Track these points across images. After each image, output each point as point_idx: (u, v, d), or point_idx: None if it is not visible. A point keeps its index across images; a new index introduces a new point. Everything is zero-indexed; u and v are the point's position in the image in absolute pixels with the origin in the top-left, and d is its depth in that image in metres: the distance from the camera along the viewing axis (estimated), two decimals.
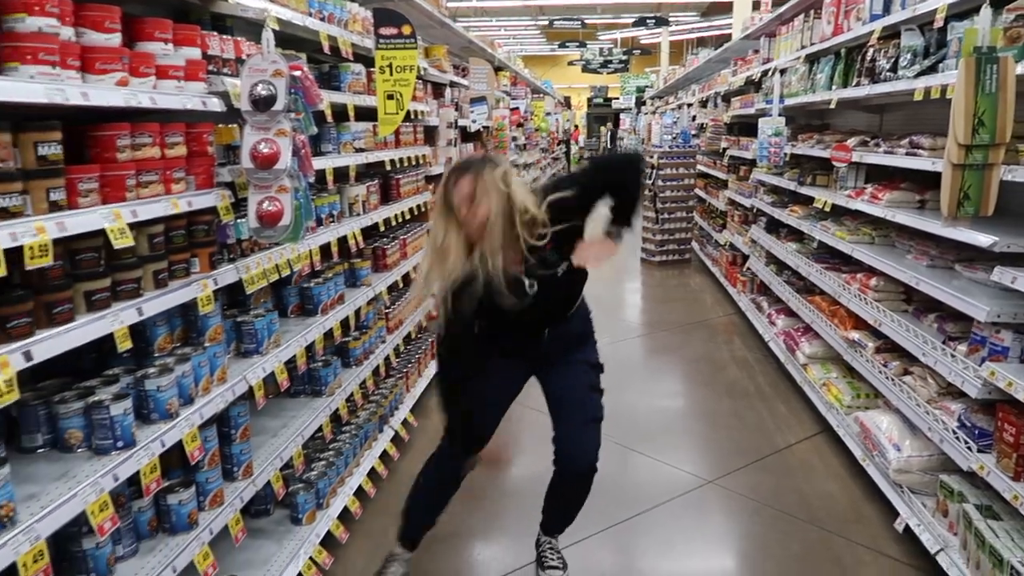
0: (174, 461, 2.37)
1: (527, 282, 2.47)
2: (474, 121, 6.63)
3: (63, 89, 1.64)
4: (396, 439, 4.09)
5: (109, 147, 1.90)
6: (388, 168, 4.32)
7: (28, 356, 1.59)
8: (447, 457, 2.84)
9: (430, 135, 5.41)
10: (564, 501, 2.94)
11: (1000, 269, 2.65)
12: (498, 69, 8.73)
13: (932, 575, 2.95)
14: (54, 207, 1.68)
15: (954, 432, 2.91)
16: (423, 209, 5.13)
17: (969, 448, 2.79)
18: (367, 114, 3.88)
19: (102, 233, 1.83)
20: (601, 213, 2.48)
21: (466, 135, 6.80)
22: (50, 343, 1.67)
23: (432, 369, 5.10)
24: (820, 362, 4.74)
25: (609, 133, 26.45)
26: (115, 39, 1.88)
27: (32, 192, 1.63)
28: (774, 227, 6.18)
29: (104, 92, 1.79)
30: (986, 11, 2.57)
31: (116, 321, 1.87)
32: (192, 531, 2.29)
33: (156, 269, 2.10)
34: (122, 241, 1.82)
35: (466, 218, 2.36)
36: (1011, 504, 2.54)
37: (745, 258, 7.17)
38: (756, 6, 10.65)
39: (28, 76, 1.60)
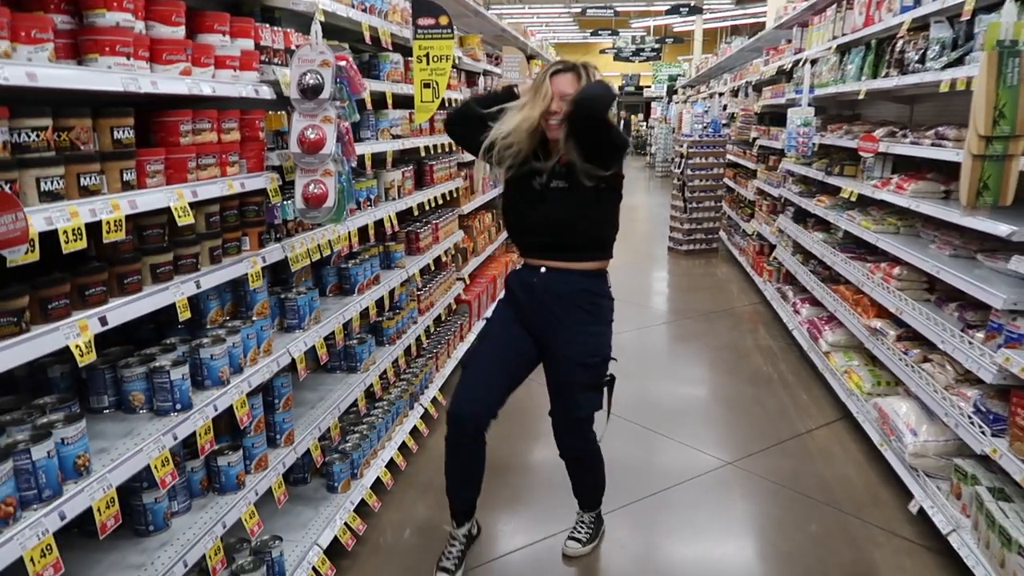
0: (223, 427, 2.55)
1: (539, 179, 2.68)
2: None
3: (136, 79, 1.80)
4: (426, 416, 4.25)
5: (173, 132, 2.06)
6: (422, 154, 4.47)
7: (104, 321, 1.75)
8: (448, 424, 2.84)
9: None
10: (575, 481, 3.13)
11: (1018, 258, 2.72)
12: (530, 57, 8.82)
13: (944, 555, 3.05)
14: (126, 186, 1.84)
15: (969, 417, 2.99)
16: (455, 195, 5.27)
17: (983, 432, 2.87)
18: (404, 102, 4.02)
19: (166, 211, 1.99)
20: None
21: None
22: (122, 310, 1.84)
23: (461, 351, 5.26)
24: (842, 350, 4.81)
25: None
26: (180, 32, 2.04)
27: (108, 172, 1.79)
28: (801, 217, 6.22)
29: (171, 81, 1.95)
30: (1010, 5, 2.63)
31: (178, 292, 2.04)
32: (240, 491, 2.46)
33: (212, 246, 2.26)
34: (185, 219, 1.98)
35: (553, 107, 2.55)
36: (1022, 486, 2.62)
37: (772, 248, 7.22)
38: None
39: (106, 67, 1.76)
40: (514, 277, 2.89)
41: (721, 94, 12.25)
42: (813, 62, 5.81)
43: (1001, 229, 2.84)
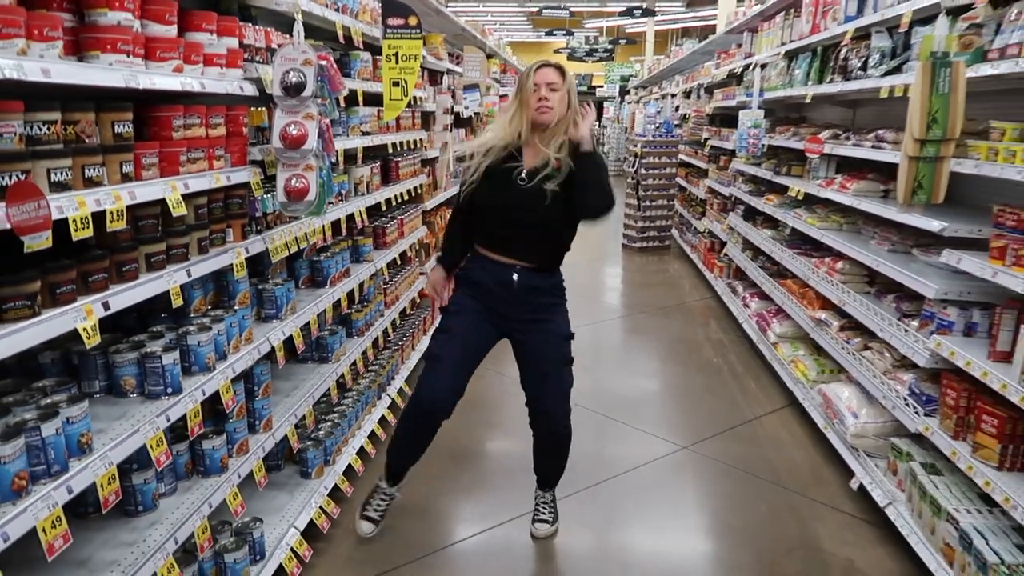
0: (205, 414, 2.63)
1: (522, 174, 2.86)
2: (467, 107, 6.87)
3: (135, 75, 1.88)
4: (393, 406, 4.37)
5: (166, 126, 2.15)
6: (389, 151, 4.57)
7: (106, 306, 1.84)
8: (415, 408, 3.02)
9: (426, 120, 5.65)
10: (546, 460, 3.26)
11: (948, 252, 2.97)
12: (489, 56, 8.96)
13: (881, 527, 3.30)
14: (125, 178, 1.93)
15: (905, 399, 3.24)
16: (419, 191, 5.38)
17: (917, 413, 3.12)
18: (372, 99, 4.12)
19: (160, 202, 2.08)
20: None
21: (458, 120, 7.04)
22: (122, 296, 1.93)
23: (424, 343, 5.37)
24: (789, 341, 5.08)
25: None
26: (173, 30, 2.13)
27: (108, 165, 1.88)
28: (751, 215, 6.50)
29: (166, 78, 2.03)
30: (943, 19, 2.87)
31: (171, 280, 2.13)
32: (224, 474, 2.55)
33: (200, 237, 2.35)
34: (178, 210, 2.07)
35: (541, 98, 2.80)
36: (950, 460, 2.87)
37: (723, 244, 7.49)
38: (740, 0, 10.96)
39: (107, 64, 1.84)
40: (482, 273, 2.97)
41: (673, 95, 12.57)
42: (762, 66, 6.08)
43: (934, 225, 3.09)
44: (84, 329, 1.72)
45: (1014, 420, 2.59)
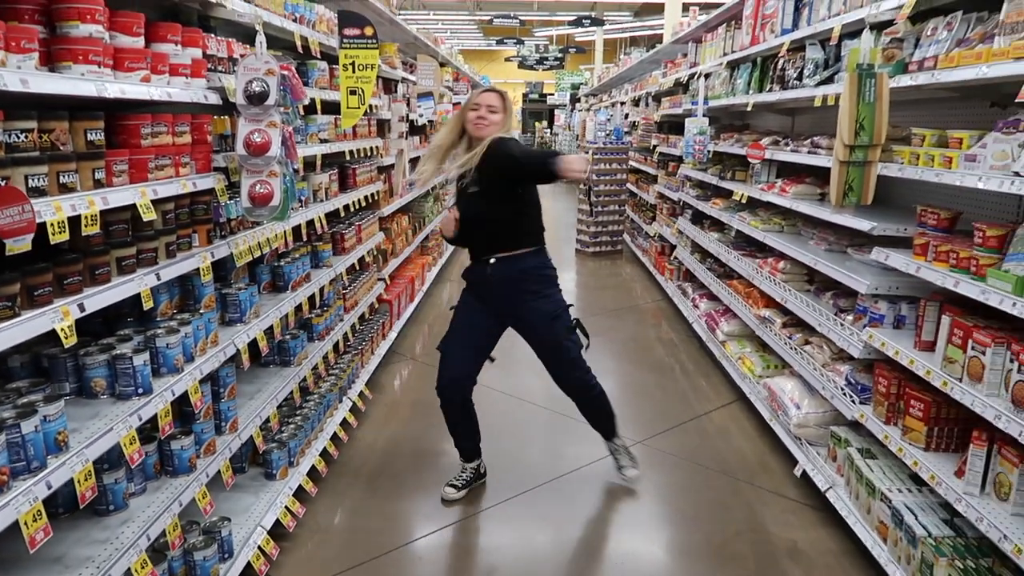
0: (172, 416, 2.68)
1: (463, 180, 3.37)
2: (421, 115, 6.97)
3: (106, 86, 1.96)
4: (354, 409, 4.44)
5: (135, 134, 2.22)
6: (347, 158, 4.65)
7: (82, 308, 1.90)
8: (438, 396, 3.57)
9: (381, 128, 5.74)
10: (589, 415, 3.79)
11: (877, 249, 3.18)
12: (442, 65, 9.07)
13: (823, 511, 3.50)
14: (97, 184, 1.99)
15: (842, 389, 3.45)
16: (376, 198, 5.46)
17: (853, 401, 3.33)
18: (329, 107, 4.20)
19: (130, 208, 2.15)
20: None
21: (413, 128, 7.14)
22: (96, 298, 1.99)
23: (383, 348, 5.45)
24: (736, 339, 5.29)
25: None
26: (140, 42, 2.20)
27: (81, 171, 1.94)
28: (699, 219, 6.73)
29: (135, 87, 2.11)
30: (867, 34, 3.09)
31: (141, 283, 2.19)
32: (192, 473, 2.61)
33: (168, 241, 2.42)
34: (148, 215, 2.14)
35: (479, 116, 3.29)
36: (883, 444, 3.08)
37: (673, 248, 7.72)
38: (686, 8, 11.29)
39: (79, 74, 1.91)
40: (470, 273, 3.53)
41: (623, 103, 12.84)
42: (707, 76, 6.32)
43: (864, 225, 3.30)
44: (62, 329, 1.79)
45: (938, 404, 2.80)
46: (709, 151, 6.15)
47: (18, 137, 1.72)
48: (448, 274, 9.05)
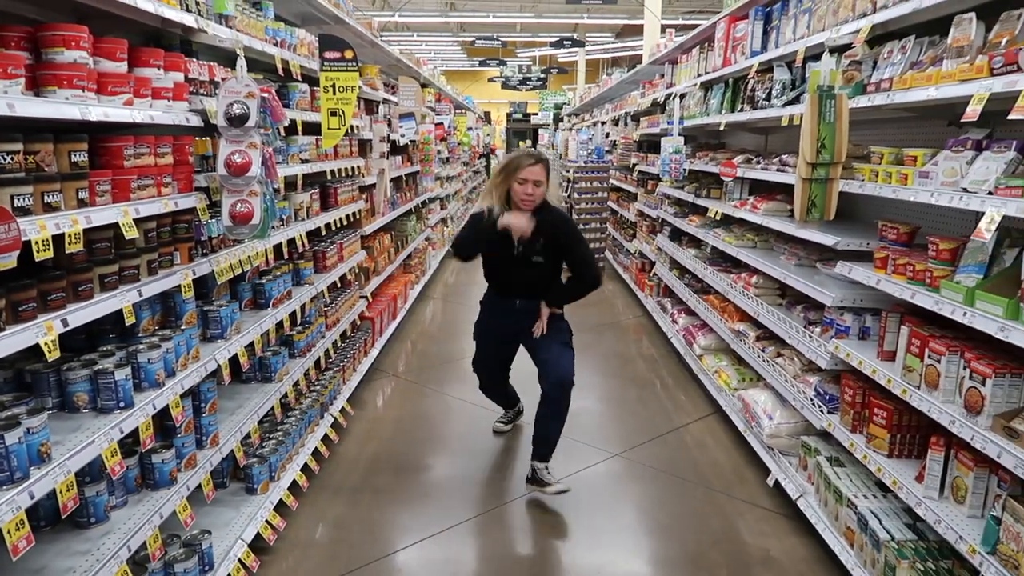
0: (153, 430, 2.73)
1: (516, 247, 3.84)
2: (403, 135, 7.07)
3: (90, 109, 2.03)
4: (336, 425, 4.49)
5: (118, 155, 2.29)
6: (328, 178, 4.73)
7: (65, 323, 1.96)
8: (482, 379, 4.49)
9: (363, 148, 5.83)
10: (548, 419, 3.87)
11: (842, 263, 3.29)
12: (424, 86, 9.20)
13: (795, 520, 3.58)
14: (80, 204, 2.06)
15: (811, 400, 3.54)
16: (357, 216, 5.54)
17: (821, 411, 3.42)
18: (310, 128, 4.29)
19: (112, 226, 2.21)
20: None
21: (395, 148, 7.24)
22: (79, 314, 2.05)
23: (365, 365, 5.51)
24: (713, 353, 5.39)
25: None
26: (124, 66, 2.27)
27: (65, 191, 2.01)
28: (677, 235, 6.85)
29: (118, 110, 2.18)
30: (827, 57, 3.21)
31: (124, 300, 2.25)
32: (173, 486, 2.66)
33: (150, 259, 2.48)
34: (131, 233, 2.21)
35: (525, 190, 3.68)
36: (850, 452, 3.17)
37: (652, 264, 7.84)
38: (664, 30, 11.51)
39: (64, 98, 1.99)
40: (495, 306, 4.17)
41: (603, 122, 13.02)
42: (682, 96, 6.46)
43: (829, 240, 3.42)
44: (46, 343, 1.85)
45: (900, 412, 2.89)
46: (685, 169, 6.28)
47: (4, 159, 1.79)
48: (431, 292, 9.12)
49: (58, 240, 1.92)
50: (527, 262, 3.86)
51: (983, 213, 2.25)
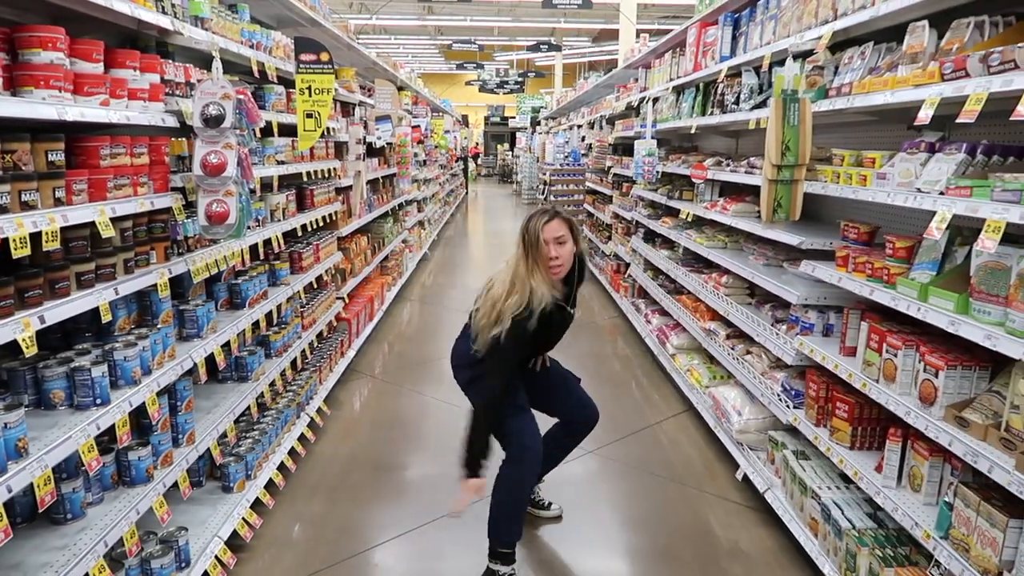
0: (130, 427, 2.76)
1: (569, 308, 3.22)
2: (379, 138, 7.11)
3: (67, 109, 2.06)
4: (312, 425, 4.51)
5: (94, 155, 2.32)
6: (304, 179, 4.76)
7: (42, 319, 1.99)
8: (526, 469, 3.14)
9: (339, 150, 5.86)
10: (567, 450, 3.65)
11: (806, 262, 3.39)
12: (400, 88, 9.24)
13: (762, 512, 3.67)
14: (57, 203, 2.09)
15: (778, 395, 3.64)
16: (334, 218, 5.57)
17: (788, 406, 3.52)
18: (286, 130, 4.32)
19: (89, 225, 2.24)
20: None
21: (371, 151, 7.27)
22: (56, 311, 2.08)
23: (342, 366, 5.53)
24: (685, 352, 5.48)
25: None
26: (100, 68, 2.31)
27: (42, 190, 2.04)
28: (651, 237, 6.95)
29: (95, 111, 2.21)
30: (791, 63, 3.31)
31: (100, 297, 2.28)
32: (150, 483, 2.68)
33: (126, 258, 2.51)
34: (107, 232, 2.24)
35: (551, 253, 2.95)
36: (814, 445, 3.26)
37: (627, 266, 7.93)
38: (639, 35, 11.64)
39: (41, 98, 2.02)
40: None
41: (580, 126, 13.13)
42: (655, 100, 6.56)
43: (794, 240, 3.51)
44: (23, 339, 1.88)
45: (860, 405, 2.99)
46: (658, 172, 6.38)
47: None
48: (408, 294, 9.15)
49: (35, 238, 1.95)
50: (567, 317, 3.30)
51: (936, 212, 2.35)
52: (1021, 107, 1.94)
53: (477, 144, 30.08)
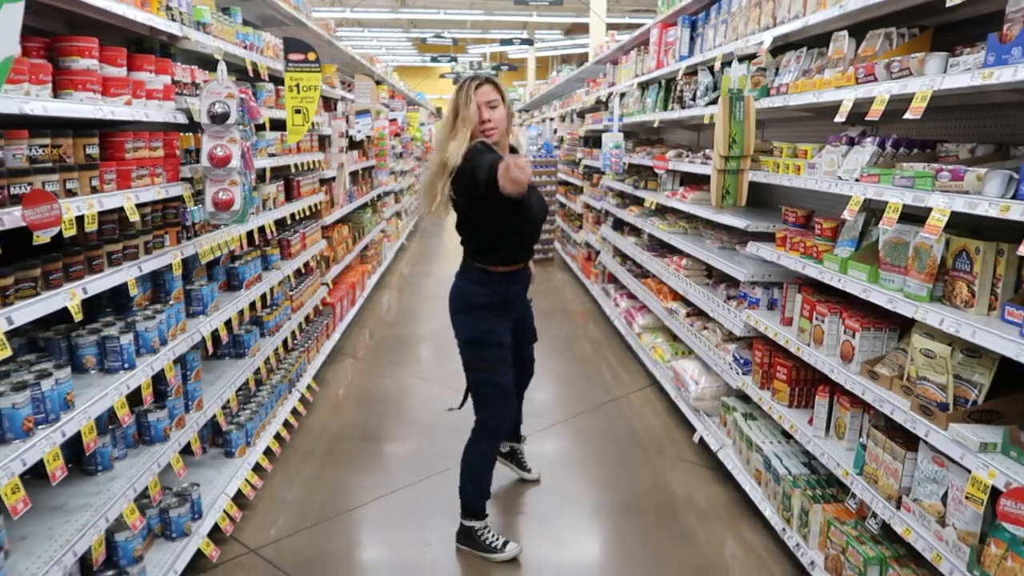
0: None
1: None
2: (359, 131, 7.41)
3: (101, 108, 2.38)
4: (303, 400, 4.84)
5: (121, 149, 2.63)
6: (292, 171, 5.07)
7: (85, 291, 2.31)
8: (492, 443, 3.39)
9: (323, 143, 6.16)
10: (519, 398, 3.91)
11: (751, 243, 3.78)
12: (378, 83, 9.52)
13: (716, 471, 4.07)
14: (93, 190, 2.40)
15: (730, 364, 4.03)
16: (318, 207, 5.88)
17: (737, 373, 3.91)
18: (276, 125, 4.62)
19: (118, 210, 2.56)
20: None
21: (352, 144, 7.57)
22: (95, 284, 2.40)
23: (328, 347, 5.86)
24: (650, 331, 5.88)
25: None
26: (123, 71, 2.62)
27: (81, 180, 2.35)
28: (619, 225, 7.33)
29: (121, 109, 2.52)
30: (736, 64, 3.69)
31: (128, 274, 2.60)
32: (167, 442, 3.00)
33: (146, 240, 2.82)
34: (133, 216, 2.56)
35: (484, 115, 3.01)
36: (759, 406, 3.66)
37: (597, 253, 8.32)
38: (610, 29, 12.00)
39: (79, 100, 2.33)
40: (503, 285, 3.22)
41: (552, 119, 13.48)
42: (622, 95, 6.94)
43: (742, 223, 3.91)
44: (73, 307, 2.20)
45: (797, 368, 3.39)
46: (625, 163, 6.76)
47: (37, 151, 2.13)
48: (387, 282, 9.47)
49: (77, 221, 2.27)
50: (541, 202, 3.25)
51: (851, 196, 2.74)
52: (915, 106, 2.33)
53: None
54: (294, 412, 4.60)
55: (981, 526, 2.15)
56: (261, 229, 4.25)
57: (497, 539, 3.33)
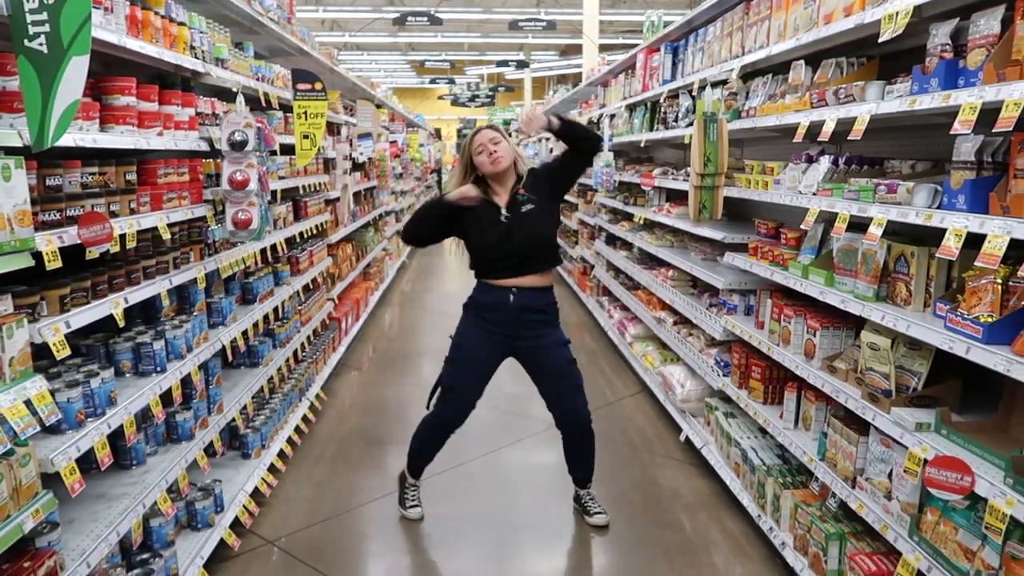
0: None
1: (503, 213, 3.33)
2: (361, 154, 7.75)
3: (139, 139, 2.69)
4: (312, 408, 5.13)
5: (154, 175, 2.94)
6: (300, 192, 5.39)
7: (126, 300, 2.61)
8: (435, 426, 3.68)
9: (327, 166, 6.49)
10: (578, 454, 3.75)
11: (728, 254, 4.09)
12: (378, 106, 9.88)
13: (700, 467, 4.35)
14: (132, 212, 2.72)
15: (712, 367, 4.33)
16: (324, 227, 6.20)
17: (718, 375, 4.21)
18: (285, 150, 4.95)
19: (152, 230, 2.87)
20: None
21: (355, 165, 7.90)
22: (134, 295, 2.70)
23: (334, 359, 6.15)
24: (641, 340, 6.18)
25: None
26: (155, 106, 2.93)
27: (121, 203, 2.66)
28: (612, 240, 7.65)
29: (155, 139, 2.84)
30: (709, 89, 4.02)
31: (161, 286, 2.91)
32: (192, 440, 3.29)
33: (175, 256, 3.13)
34: (165, 234, 2.87)
35: (486, 155, 3.31)
36: (738, 404, 3.95)
37: (593, 268, 8.63)
38: (600, 51, 12.39)
39: (120, 132, 2.65)
40: (484, 297, 3.45)
41: (548, 138, 13.83)
42: (612, 116, 7.28)
43: (719, 235, 4.22)
44: (117, 314, 2.50)
45: (769, 367, 3.69)
46: (615, 181, 7.09)
47: (88, 178, 2.44)
48: (389, 298, 9.77)
49: (120, 239, 2.57)
50: (518, 217, 3.32)
51: (808, 209, 3.05)
52: (856, 128, 2.65)
53: (455, 157, 30.76)
54: (304, 419, 4.89)
55: (919, 497, 2.44)
56: (273, 247, 4.56)
57: (413, 500, 3.85)
